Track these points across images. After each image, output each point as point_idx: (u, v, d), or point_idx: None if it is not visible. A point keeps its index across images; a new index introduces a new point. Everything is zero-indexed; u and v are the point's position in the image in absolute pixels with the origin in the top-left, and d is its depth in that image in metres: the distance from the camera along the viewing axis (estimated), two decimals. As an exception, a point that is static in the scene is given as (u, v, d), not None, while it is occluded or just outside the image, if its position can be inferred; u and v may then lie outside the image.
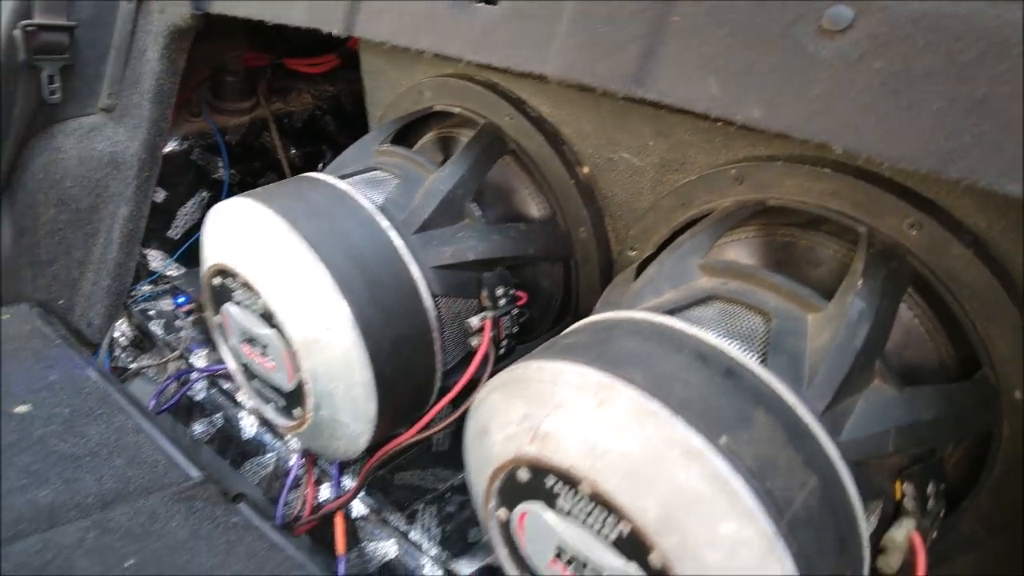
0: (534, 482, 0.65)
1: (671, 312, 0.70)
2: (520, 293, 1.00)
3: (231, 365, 1.04)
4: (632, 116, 0.93)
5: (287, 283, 0.86)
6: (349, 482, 1.07)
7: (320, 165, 1.83)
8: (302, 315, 0.86)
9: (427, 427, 0.93)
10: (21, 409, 1.10)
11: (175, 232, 1.59)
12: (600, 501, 0.60)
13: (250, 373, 1.00)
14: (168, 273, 1.56)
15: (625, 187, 0.98)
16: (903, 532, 0.64)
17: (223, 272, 0.93)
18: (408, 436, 0.93)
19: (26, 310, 1.40)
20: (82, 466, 1.00)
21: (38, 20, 1.35)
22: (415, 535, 0.99)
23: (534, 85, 1.03)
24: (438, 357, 0.94)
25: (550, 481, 0.63)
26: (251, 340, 0.94)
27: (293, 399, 0.94)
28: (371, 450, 0.97)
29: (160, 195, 1.54)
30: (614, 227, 1.02)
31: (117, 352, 1.45)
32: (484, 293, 0.96)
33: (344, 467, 1.09)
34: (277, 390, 0.96)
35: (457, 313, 0.97)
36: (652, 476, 0.56)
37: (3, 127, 1.38)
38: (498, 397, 0.68)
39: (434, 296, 0.92)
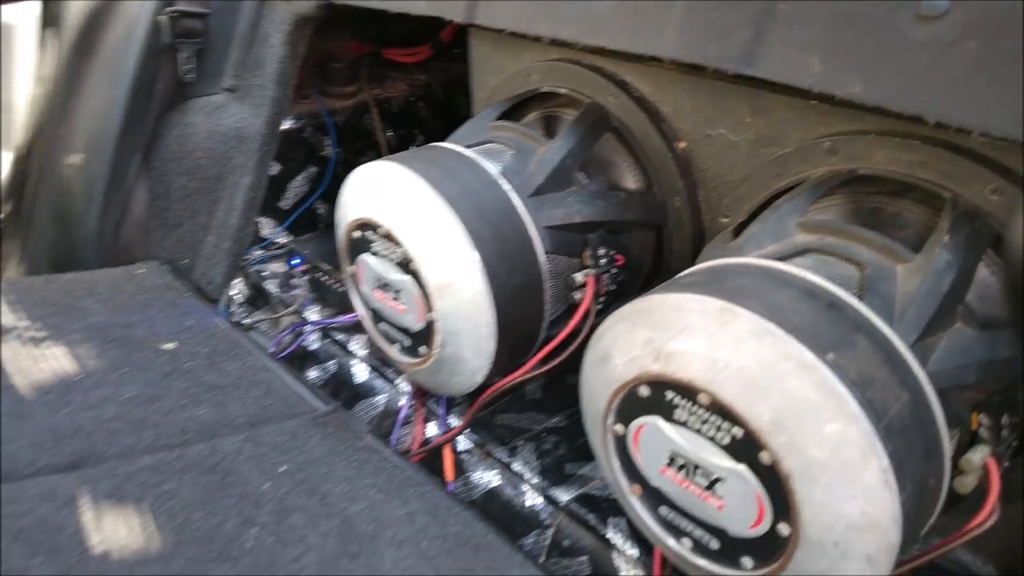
0: (653, 397, 0.76)
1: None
2: (618, 255, 1.11)
3: (360, 311, 1.17)
4: (730, 95, 1.03)
5: (427, 234, 0.98)
6: (455, 421, 1.19)
7: (412, 146, 1.97)
8: (438, 262, 0.98)
9: (533, 369, 1.05)
10: (168, 346, 1.25)
11: (285, 203, 1.74)
12: (717, 410, 0.70)
13: (378, 317, 1.13)
14: (277, 240, 1.70)
15: (720, 160, 1.08)
16: (979, 455, 0.73)
17: (364, 226, 1.06)
18: (519, 374, 1.05)
19: (157, 266, 1.56)
20: (227, 394, 1.14)
21: (181, 7, 1.51)
22: (516, 466, 1.11)
23: (637, 68, 1.13)
24: (546, 308, 1.05)
25: (669, 395, 0.74)
26: (384, 286, 1.07)
27: (420, 338, 1.06)
28: (474, 395, 1.09)
29: (275, 168, 1.69)
30: (707, 197, 1.12)
31: (233, 308, 1.59)
32: (587, 252, 1.07)
33: (450, 408, 1.21)
34: (405, 331, 1.08)
35: (561, 271, 1.08)
36: (767, 386, 0.66)
37: (147, 101, 1.54)
38: (622, 327, 0.79)
39: (545, 253, 1.04)
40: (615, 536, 1.00)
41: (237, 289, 1.61)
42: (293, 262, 1.57)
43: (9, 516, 0.78)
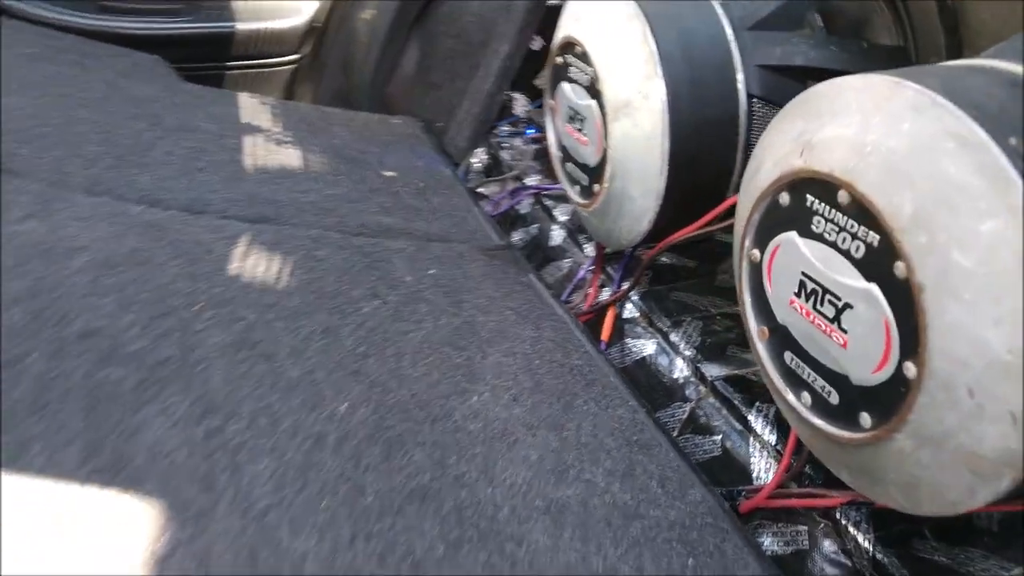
0: (793, 205, 0.63)
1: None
2: (846, 122, 0.94)
3: (553, 151, 1.14)
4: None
5: (615, 49, 0.92)
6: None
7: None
8: (620, 80, 0.91)
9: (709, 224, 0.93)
10: (389, 173, 1.34)
11: (543, 81, 1.75)
12: (854, 209, 0.56)
13: (567, 157, 1.09)
14: (524, 118, 1.73)
15: (996, 14, 0.86)
16: None
17: (567, 46, 1.02)
18: (693, 228, 0.94)
19: (413, 121, 1.68)
20: (419, 214, 1.19)
21: None
22: (675, 337, 1.00)
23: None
24: (739, 157, 0.93)
25: (809, 199, 0.61)
26: (573, 118, 1.03)
27: (595, 174, 1.00)
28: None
29: (537, 44, 1.71)
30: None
31: (470, 175, 1.66)
32: (805, 107, 0.92)
33: (625, 276, 1.14)
34: (584, 167, 1.03)
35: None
36: (915, 170, 0.51)
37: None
38: (777, 125, 0.67)
39: (751, 96, 0.91)
40: (756, 420, 0.87)
41: (478, 158, 1.67)
42: (528, 131, 1.59)
43: (175, 232, 0.89)
